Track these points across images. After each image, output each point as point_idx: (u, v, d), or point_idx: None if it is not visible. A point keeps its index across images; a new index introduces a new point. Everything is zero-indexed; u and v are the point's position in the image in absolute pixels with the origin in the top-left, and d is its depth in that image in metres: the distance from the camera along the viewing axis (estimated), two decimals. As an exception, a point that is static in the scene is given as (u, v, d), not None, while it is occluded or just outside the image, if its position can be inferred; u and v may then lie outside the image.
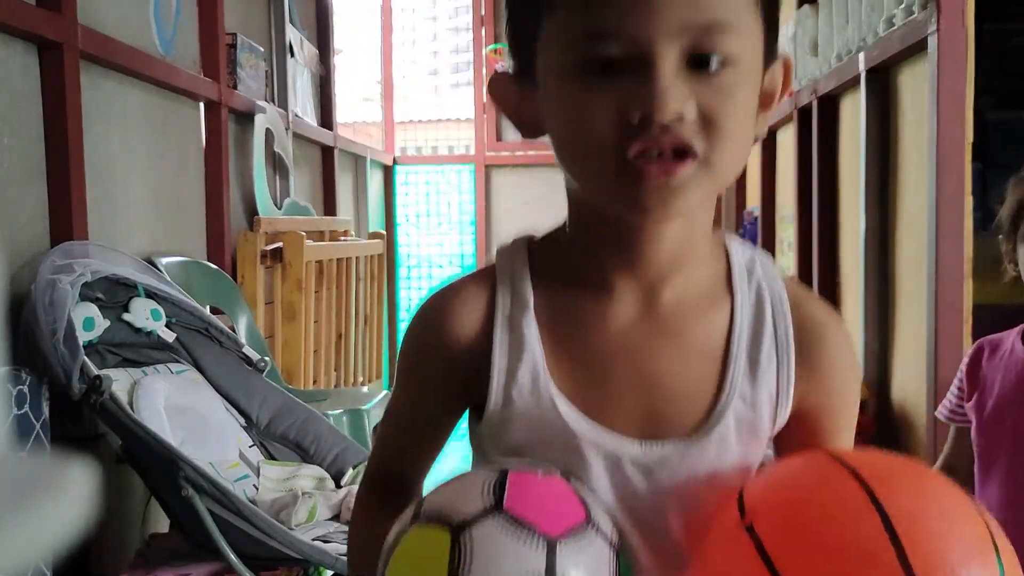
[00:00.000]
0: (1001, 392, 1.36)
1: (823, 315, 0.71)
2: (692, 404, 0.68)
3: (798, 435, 0.71)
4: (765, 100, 0.66)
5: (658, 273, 0.67)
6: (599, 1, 0.58)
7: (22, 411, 1.76)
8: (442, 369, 0.71)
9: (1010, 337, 1.41)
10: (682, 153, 0.59)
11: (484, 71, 5.98)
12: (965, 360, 1.47)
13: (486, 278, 0.70)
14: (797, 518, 0.61)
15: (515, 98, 0.68)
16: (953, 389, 1.49)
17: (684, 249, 0.67)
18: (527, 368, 0.67)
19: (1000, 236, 1.42)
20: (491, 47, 5.83)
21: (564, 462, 0.67)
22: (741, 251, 0.71)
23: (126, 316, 2.07)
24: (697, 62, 0.59)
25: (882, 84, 2.58)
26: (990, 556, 0.58)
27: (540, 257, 0.70)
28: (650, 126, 0.57)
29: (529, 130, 0.68)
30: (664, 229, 0.65)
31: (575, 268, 0.69)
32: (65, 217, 2.07)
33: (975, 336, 2.02)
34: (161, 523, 2.22)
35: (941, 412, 1.51)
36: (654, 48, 0.57)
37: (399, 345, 0.75)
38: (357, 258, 4.42)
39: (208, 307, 2.58)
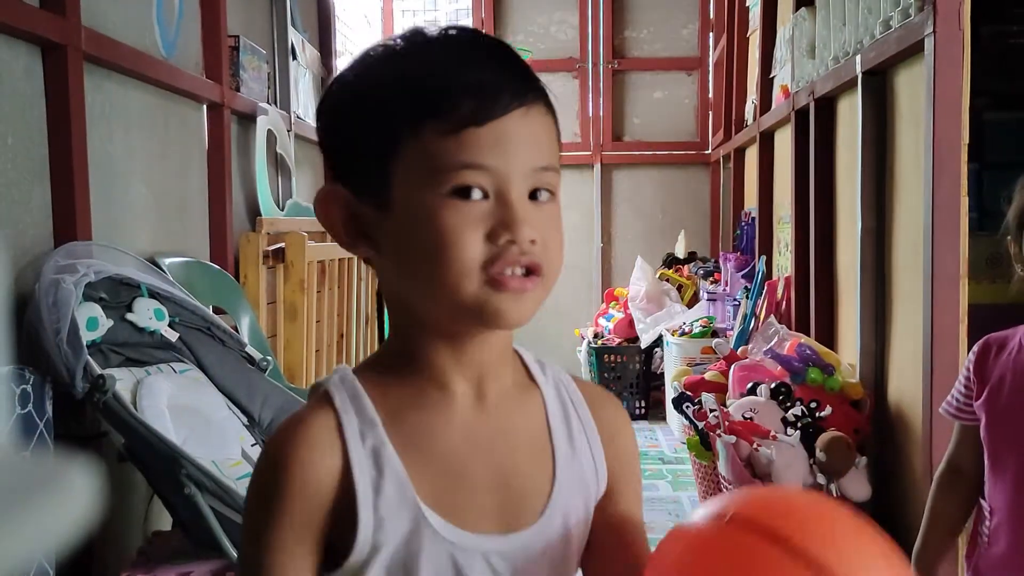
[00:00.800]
0: (1012, 389, 1.36)
1: (609, 401, 0.82)
2: (535, 492, 0.74)
3: (608, 497, 0.78)
4: None
5: (484, 371, 0.74)
6: (471, 139, 0.66)
7: (25, 410, 1.77)
8: (304, 517, 0.68)
9: (1017, 334, 1.40)
10: (532, 270, 0.69)
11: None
12: (971, 357, 1.45)
13: (325, 407, 0.71)
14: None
15: (350, 213, 0.72)
16: (959, 387, 1.47)
17: (502, 347, 0.75)
18: (391, 481, 0.69)
19: (1008, 237, 1.42)
20: (491, 49, 5.86)
21: (436, 572, 0.69)
22: (526, 352, 0.80)
23: (129, 316, 2.08)
24: (533, 196, 0.70)
25: (879, 86, 2.60)
26: None
27: (368, 376, 0.73)
28: (511, 248, 0.67)
29: (360, 244, 0.73)
30: (492, 333, 0.72)
31: (409, 381, 0.73)
32: (68, 217, 2.08)
33: (971, 336, 2.03)
34: (163, 521, 2.23)
35: (945, 409, 1.48)
36: (511, 184, 0.68)
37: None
38: (358, 258, 4.43)
39: (211, 307, 2.59)
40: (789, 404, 2.71)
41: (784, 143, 3.79)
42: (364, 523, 0.68)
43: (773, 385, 2.76)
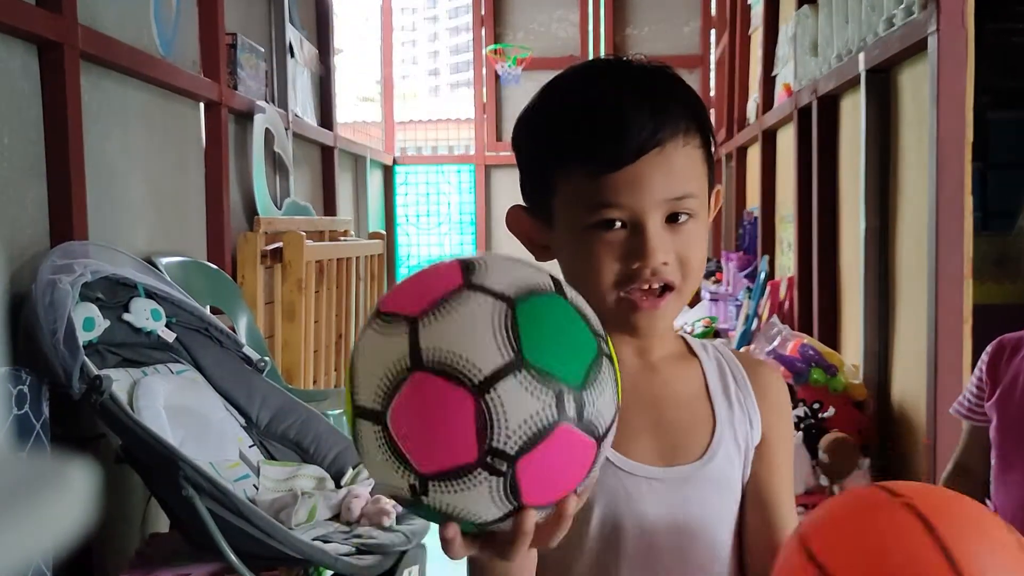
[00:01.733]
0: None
1: (766, 366, 0.98)
2: (695, 437, 0.88)
3: (761, 448, 0.91)
4: None
5: (647, 345, 0.89)
6: (609, 182, 0.79)
7: (22, 411, 1.76)
8: None
9: None
10: (665, 288, 0.81)
11: (484, 71, 5.98)
12: (985, 358, 1.43)
13: None
14: (865, 554, 0.68)
15: (529, 227, 0.89)
16: (971, 387, 1.45)
17: (663, 328, 0.88)
18: None
19: (1022, 239, 1.41)
20: (491, 47, 5.83)
21: (609, 494, 0.84)
22: (691, 337, 0.96)
23: (126, 316, 2.07)
24: (671, 218, 0.81)
25: (882, 84, 2.58)
26: None
27: None
28: (644, 271, 0.80)
29: (540, 253, 0.88)
30: None
31: None
32: (65, 217, 2.07)
33: (975, 336, 2.02)
34: (161, 523, 2.22)
35: (957, 409, 1.48)
36: (645, 215, 0.79)
37: None
38: (357, 258, 4.42)
39: (208, 307, 2.58)
40: (792, 405, 2.69)
41: (787, 142, 3.78)
42: None
43: (775, 385, 2.74)
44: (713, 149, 0.88)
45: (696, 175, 0.83)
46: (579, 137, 0.80)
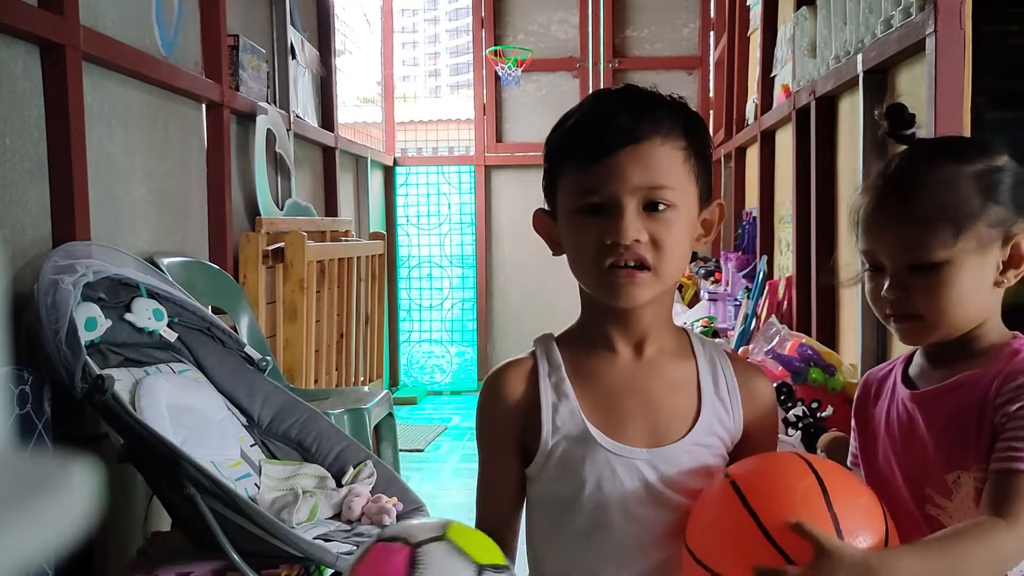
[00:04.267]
0: (885, 443, 1.09)
1: (756, 370, 1.08)
2: (679, 421, 0.99)
3: (743, 445, 1.03)
4: (706, 227, 1.01)
5: (643, 335, 1.01)
6: (588, 172, 0.94)
7: (24, 411, 1.77)
8: (507, 425, 1.01)
9: (894, 372, 1.12)
10: (640, 265, 0.94)
11: (484, 73, 5.99)
12: (855, 400, 1.17)
13: (529, 356, 1.03)
14: (765, 475, 0.93)
15: (546, 226, 1.03)
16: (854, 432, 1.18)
17: (656, 322, 1.01)
18: (566, 407, 0.99)
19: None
20: (491, 49, 5.84)
21: (597, 471, 0.97)
22: (695, 334, 1.07)
23: (128, 316, 2.08)
24: (650, 207, 0.94)
25: (880, 85, 2.59)
26: (880, 518, 0.91)
27: (563, 338, 1.04)
28: (617, 247, 0.93)
29: (556, 247, 1.02)
30: (643, 309, 0.99)
31: (588, 339, 1.02)
32: (67, 217, 2.08)
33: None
34: (163, 522, 2.23)
35: (851, 460, 1.18)
36: (621, 199, 0.93)
37: (400, 347, 0.95)
38: (358, 258, 4.43)
39: (210, 307, 2.59)
40: (790, 404, 2.70)
41: (785, 142, 3.79)
42: (545, 430, 0.98)
43: (774, 385, 2.75)
44: (711, 157, 0.99)
45: (675, 172, 0.95)
46: (573, 139, 0.96)
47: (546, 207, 1.04)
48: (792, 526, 0.85)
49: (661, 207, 0.93)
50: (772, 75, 4.07)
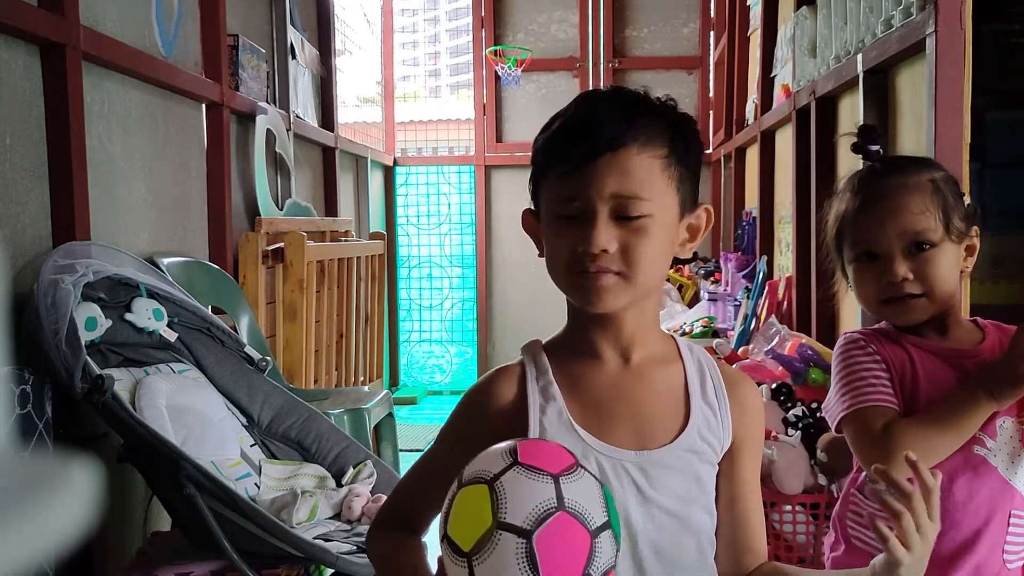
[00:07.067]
0: (927, 392, 1.25)
1: (745, 378, 1.09)
2: (668, 426, 1.00)
3: (733, 453, 1.03)
4: (692, 232, 1.02)
5: (628, 342, 1.01)
6: (566, 180, 0.95)
7: (25, 411, 1.77)
8: (489, 426, 0.99)
9: (893, 335, 1.27)
10: (606, 271, 0.94)
11: (484, 72, 5.99)
12: (869, 346, 1.29)
13: (515, 365, 1.04)
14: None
15: (534, 226, 1.04)
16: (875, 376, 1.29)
17: (640, 328, 1.02)
18: (553, 408, 0.99)
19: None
20: (491, 49, 5.84)
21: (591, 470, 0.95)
22: (681, 340, 1.07)
23: (128, 316, 2.08)
24: (623, 216, 0.94)
25: (880, 85, 2.59)
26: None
27: (550, 346, 1.05)
28: (585, 257, 0.94)
29: (540, 247, 1.03)
30: (624, 316, 1.00)
31: (575, 346, 1.03)
32: (67, 217, 2.08)
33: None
34: (163, 521, 2.23)
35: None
36: (594, 207, 0.94)
37: (400, 347, 0.91)
38: (358, 258, 4.43)
39: (210, 307, 2.59)
40: (790, 404, 2.70)
41: (785, 142, 3.79)
42: (532, 431, 0.99)
43: (774, 385, 2.75)
44: (699, 161, 1.01)
45: (652, 181, 0.95)
46: (556, 146, 0.98)
47: (533, 207, 1.05)
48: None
49: (635, 216, 0.94)
50: (772, 75, 4.07)
